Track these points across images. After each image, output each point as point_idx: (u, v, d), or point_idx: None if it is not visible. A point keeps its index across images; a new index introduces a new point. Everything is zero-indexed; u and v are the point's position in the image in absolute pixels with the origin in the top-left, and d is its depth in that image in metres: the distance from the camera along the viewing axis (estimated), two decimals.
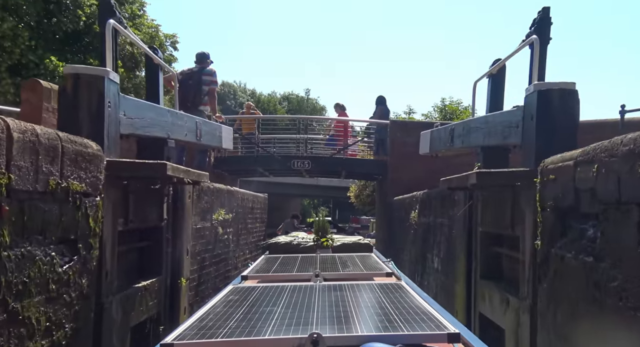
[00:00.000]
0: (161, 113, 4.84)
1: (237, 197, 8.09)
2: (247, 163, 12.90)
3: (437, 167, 12.12)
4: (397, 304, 2.72)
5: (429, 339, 2.15)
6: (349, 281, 3.46)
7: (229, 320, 2.41)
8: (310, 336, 2.06)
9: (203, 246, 6.25)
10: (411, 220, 8.44)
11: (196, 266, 5.94)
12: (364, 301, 2.84)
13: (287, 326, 2.28)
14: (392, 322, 2.32)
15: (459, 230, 5.58)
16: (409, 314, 2.46)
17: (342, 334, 2.16)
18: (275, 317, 2.44)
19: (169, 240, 5.02)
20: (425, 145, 7.92)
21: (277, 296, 2.97)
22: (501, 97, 5.66)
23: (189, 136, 5.75)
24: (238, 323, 2.35)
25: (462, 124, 5.88)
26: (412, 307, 2.63)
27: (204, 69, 7.69)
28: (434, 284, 6.84)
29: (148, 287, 4.45)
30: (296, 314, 2.50)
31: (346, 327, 2.24)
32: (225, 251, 7.46)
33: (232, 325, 2.31)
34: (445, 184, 5.06)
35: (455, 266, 5.75)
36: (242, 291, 3.16)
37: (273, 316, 2.48)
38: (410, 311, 2.52)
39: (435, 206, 6.91)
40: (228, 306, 2.74)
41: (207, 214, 6.38)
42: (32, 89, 6.62)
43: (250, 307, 2.69)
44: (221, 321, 2.39)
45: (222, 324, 2.35)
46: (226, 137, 7.55)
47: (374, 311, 2.60)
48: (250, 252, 9.67)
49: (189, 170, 4.47)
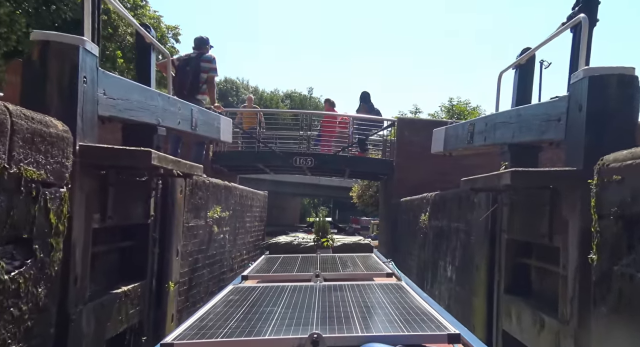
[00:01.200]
0: (150, 96, 4.29)
1: (235, 193, 7.54)
2: (247, 159, 12.33)
3: (445, 168, 11.61)
4: (397, 304, 2.72)
5: (429, 339, 2.14)
6: (349, 281, 3.45)
7: (229, 320, 2.41)
8: (311, 336, 2.05)
9: (196, 245, 5.70)
10: (420, 223, 7.88)
11: (187, 268, 5.39)
12: (364, 301, 2.82)
13: (287, 326, 2.28)
14: (393, 322, 2.33)
15: (480, 236, 5.02)
16: (409, 314, 2.46)
17: (342, 334, 2.16)
18: (275, 318, 2.43)
19: (156, 239, 4.46)
20: (438, 143, 7.37)
21: (278, 296, 2.96)
22: (529, 89, 5.12)
23: (182, 125, 5.20)
24: (238, 323, 2.35)
25: (485, 119, 5.32)
26: (412, 307, 2.62)
27: (203, 55, 7.12)
28: (446, 295, 6.28)
29: (129, 292, 3.89)
30: (296, 314, 2.50)
31: (346, 328, 2.24)
32: (221, 251, 6.90)
33: (232, 325, 2.31)
34: (468, 185, 4.50)
35: (473, 277, 5.20)
36: (242, 291, 3.14)
37: (273, 316, 2.48)
38: (411, 312, 2.52)
39: (450, 208, 6.35)
40: (228, 306, 2.73)
41: (201, 211, 5.83)
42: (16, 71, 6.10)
43: (251, 307, 2.68)
44: (221, 321, 2.39)
45: (222, 324, 2.34)
46: (225, 128, 7.00)
47: (374, 312, 2.60)
48: (248, 252, 9.11)
49: (179, 161, 3.91)
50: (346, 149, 12.31)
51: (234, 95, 51.70)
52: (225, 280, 7.21)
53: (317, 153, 12.28)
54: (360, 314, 2.50)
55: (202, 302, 5.87)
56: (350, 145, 12.38)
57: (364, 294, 3.03)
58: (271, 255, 5.63)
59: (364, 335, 2.13)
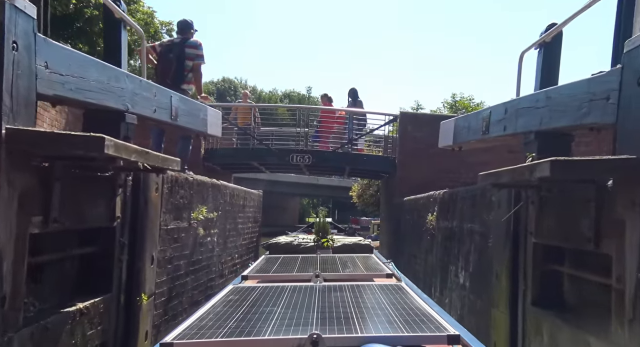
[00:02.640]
0: (115, 77, 3.63)
1: (224, 192, 6.88)
2: (241, 156, 11.69)
3: (450, 165, 10.99)
4: (397, 305, 2.71)
5: (429, 340, 2.13)
6: (349, 282, 3.43)
7: (228, 320, 2.41)
8: (310, 337, 2.05)
9: (177, 251, 5.05)
10: (427, 224, 7.24)
11: (165, 277, 4.74)
12: (364, 302, 2.80)
13: (287, 327, 2.27)
14: (392, 323, 2.33)
15: (500, 239, 4.38)
16: (409, 315, 2.46)
17: (341, 334, 2.15)
18: (275, 318, 2.43)
19: (124, 245, 3.81)
20: (446, 136, 6.72)
21: (277, 296, 2.95)
22: (556, 70, 4.47)
23: (159, 113, 4.55)
24: (238, 323, 2.34)
25: (504, 105, 4.67)
26: (412, 308, 2.61)
27: (187, 41, 6.46)
28: (458, 304, 5.63)
29: (87, 310, 3.24)
30: (296, 314, 2.48)
31: (346, 328, 2.24)
32: (208, 256, 6.25)
33: (232, 325, 2.31)
34: (488, 180, 3.84)
35: (491, 285, 4.55)
36: (242, 291, 3.14)
37: (273, 316, 2.47)
38: (410, 313, 2.51)
39: (462, 208, 5.70)
40: (228, 306, 2.73)
41: (183, 212, 5.18)
42: None
43: (250, 307, 2.67)
44: (221, 321, 2.38)
45: (222, 323, 2.34)
46: (213, 121, 6.35)
47: (374, 312, 2.57)
48: (241, 256, 8.46)
49: (146, 152, 3.25)
50: (346, 146, 11.68)
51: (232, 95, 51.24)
52: (214, 288, 6.56)
53: (315, 150, 11.65)
54: (360, 314, 2.49)
55: (185, 314, 5.23)
56: (350, 141, 11.75)
57: (363, 294, 3.00)
58: (271, 255, 5.63)
59: (364, 335, 2.12)
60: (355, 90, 12.62)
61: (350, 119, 11.94)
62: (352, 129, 11.83)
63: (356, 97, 12.54)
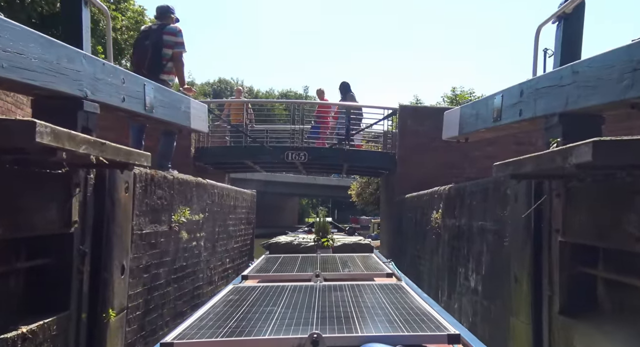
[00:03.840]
0: (69, 56, 3.09)
1: (211, 192, 6.34)
2: (234, 155, 11.14)
3: (452, 160, 10.47)
4: (397, 304, 2.70)
5: (429, 339, 2.12)
6: (349, 281, 3.41)
7: (229, 319, 2.40)
8: (310, 336, 2.05)
9: (155, 258, 4.51)
10: (432, 222, 6.71)
11: (141, 288, 4.20)
12: (364, 302, 2.80)
13: (287, 326, 2.27)
14: (393, 322, 2.32)
15: (518, 238, 3.85)
16: (409, 314, 2.46)
17: (342, 334, 2.14)
18: (275, 317, 2.42)
19: (84, 254, 3.27)
20: (451, 127, 6.20)
21: (278, 295, 2.94)
22: (578, 43, 3.96)
23: (129, 103, 4.02)
24: (238, 323, 2.34)
25: (520, 87, 4.14)
26: (412, 308, 2.62)
27: (166, 27, 5.92)
28: (469, 309, 5.10)
29: (35, 333, 2.70)
30: (296, 314, 2.49)
31: (346, 328, 2.23)
32: (194, 262, 5.71)
33: (232, 325, 2.30)
34: (507, 170, 3.30)
35: (508, 290, 4.02)
36: (242, 291, 3.13)
37: (273, 315, 2.47)
38: (411, 312, 2.51)
39: (471, 204, 5.17)
40: (228, 306, 2.72)
41: (161, 214, 4.65)
42: None
43: (251, 307, 2.67)
44: (221, 321, 2.38)
45: (222, 323, 2.33)
46: (197, 115, 5.82)
47: (374, 312, 2.56)
48: (233, 260, 7.92)
49: (101, 142, 2.71)
50: (343, 142, 11.14)
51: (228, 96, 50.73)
52: (202, 296, 6.03)
53: (310, 147, 11.11)
54: (360, 314, 2.49)
55: (167, 327, 4.69)
56: (347, 137, 11.22)
57: (364, 294, 3.00)
58: (271, 255, 5.61)
59: (364, 335, 2.11)
60: (346, 84, 12.07)
61: (348, 114, 11.41)
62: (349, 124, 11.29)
63: (348, 91, 11.97)
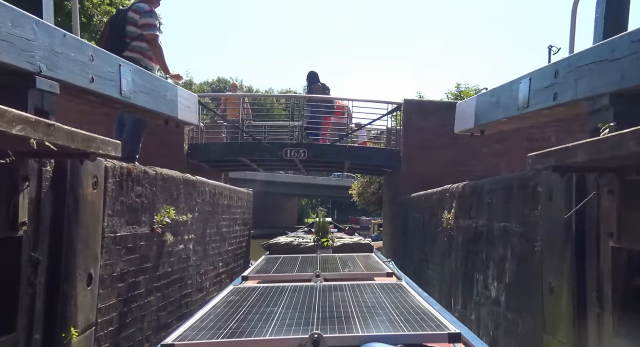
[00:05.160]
0: (14, 20, 2.53)
1: (202, 190, 5.77)
2: (229, 152, 10.56)
3: (461, 157, 9.88)
4: (397, 304, 2.71)
5: (430, 339, 2.13)
6: (349, 281, 3.43)
7: (229, 320, 2.40)
8: (311, 336, 2.05)
9: (133, 264, 3.94)
10: (443, 223, 6.14)
11: (115, 300, 3.62)
12: (364, 301, 2.80)
13: (287, 327, 2.27)
14: (393, 322, 2.32)
15: (555, 243, 3.28)
16: (409, 314, 2.46)
17: (342, 334, 2.15)
18: (275, 318, 2.42)
19: (37, 263, 2.70)
20: (464, 119, 5.64)
21: (278, 296, 2.95)
22: (625, 13, 3.40)
23: (100, 85, 3.46)
24: (239, 323, 2.33)
25: (554, 66, 3.57)
26: (412, 307, 2.62)
27: (134, 5, 5.35)
28: (490, 322, 4.53)
29: None
30: (297, 314, 2.49)
31: (347, 328, 2.23)
32: (181, 267, 5.14)
33: (233, 325, 2.30)
34: (545, 161, 2.72)
35: (543, 303, 3.45)
36: (243, 291, 3.13)
37: (274, 316, 2.46)
38: (411, 311, 2.51)
39: (490, 203, 4.60)
40: (229, 307, 2.72)
41: (142, 215, 4.08)
42: None
43: (251, 308, 2.68)
44: (222, 322, 2.37)
45: (222, 324, 2.32)
46: (185, 104, 5.27)
47: (374, 311, 2.56)
48: (227, 264, 7.34)
49: (48, 124, 2.13)
50: (345, 138, 10.57)
51: None
52: (191, 304, 5.46)
53: (310, 144, 10.53)
54: (361, 313, 2.49)
55: (148, 343, 4.13)
56: (350, 133, 10.64)
57: (364, 293, 3.00)
58: (271, 255, 5.60)
59: (365, 335, 2.11)
60: (314, 74, 11.27)
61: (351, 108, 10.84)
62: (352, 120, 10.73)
63: (315, 81, 11.20)
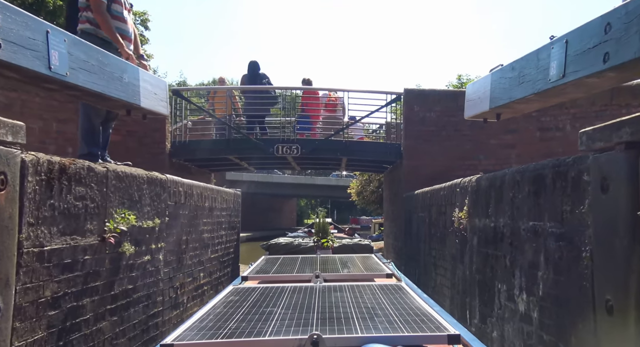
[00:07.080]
0: None
1: (174, 190, 4.96)
2: (216, 150, 9.75)
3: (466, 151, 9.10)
4: (397, 305, 2.72)
5: (429, 340, 2.13)
6: (349, 282, 3.43)
7: (229, 321, 2.41)
8: (310, 337, 2.06)
9: (73, 284, 3.13)
10: (454, 223, 5.35)
11: (42, 333, 2.81)
12: (364, 302, 2.80)
13: (287, 327, 2.28)
14: (392, 323, 2.32)
15: (614, 248, 2.48)
16: (409, 315, 2.47)
17: (342, 335, 2.15)
18: (275, 318, 2.43)
19: None
20: (477, 102, 4.87)
21: (277, 296, 2.95)
22: None
23: (10, 52, 2.66)
24: (238, 324, 2.34)
25: (603, 20, 2.77)
26: (412, 308, 2.62)
27: None
28: (519, 342, 3.72)
29: None
30: (296, 315, 2.49)
31: (346, 328, 2.24)
32: (148, 283, 4.33)
33: (232, 326, 2.31)
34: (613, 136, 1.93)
35: (596, 324, 2.65)
36: (242, 292, 3.12)
37: (273, 316, 2.47)
38: (411, 312, 2.52)
39: (515, 198, 3.80)
40: (228, 307, 2.72)
41: (86, 222, 3.27)
42: None
43: (251, 308, 2.67)
44: (221, 322, 2.38)
45: (222, 324, 2.33)
46: (151, 91, 4.50)
47: (374, 312, 2.57)
48: (210, 274, 6.53)
49: None
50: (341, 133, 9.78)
51: None
52: (163, 325, 4.66)
53: (304, 139, 9.75)
54: (360, 314, 2.49)
55: None
56: (346, 127, 9.85)
57: (363, 294, 3.00)
58: (271, 256, 5.68)
59: (364, 336, 2.11)
60: (255, 63, 10.38)
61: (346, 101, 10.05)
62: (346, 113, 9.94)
63: (256, 70, 10.34)
